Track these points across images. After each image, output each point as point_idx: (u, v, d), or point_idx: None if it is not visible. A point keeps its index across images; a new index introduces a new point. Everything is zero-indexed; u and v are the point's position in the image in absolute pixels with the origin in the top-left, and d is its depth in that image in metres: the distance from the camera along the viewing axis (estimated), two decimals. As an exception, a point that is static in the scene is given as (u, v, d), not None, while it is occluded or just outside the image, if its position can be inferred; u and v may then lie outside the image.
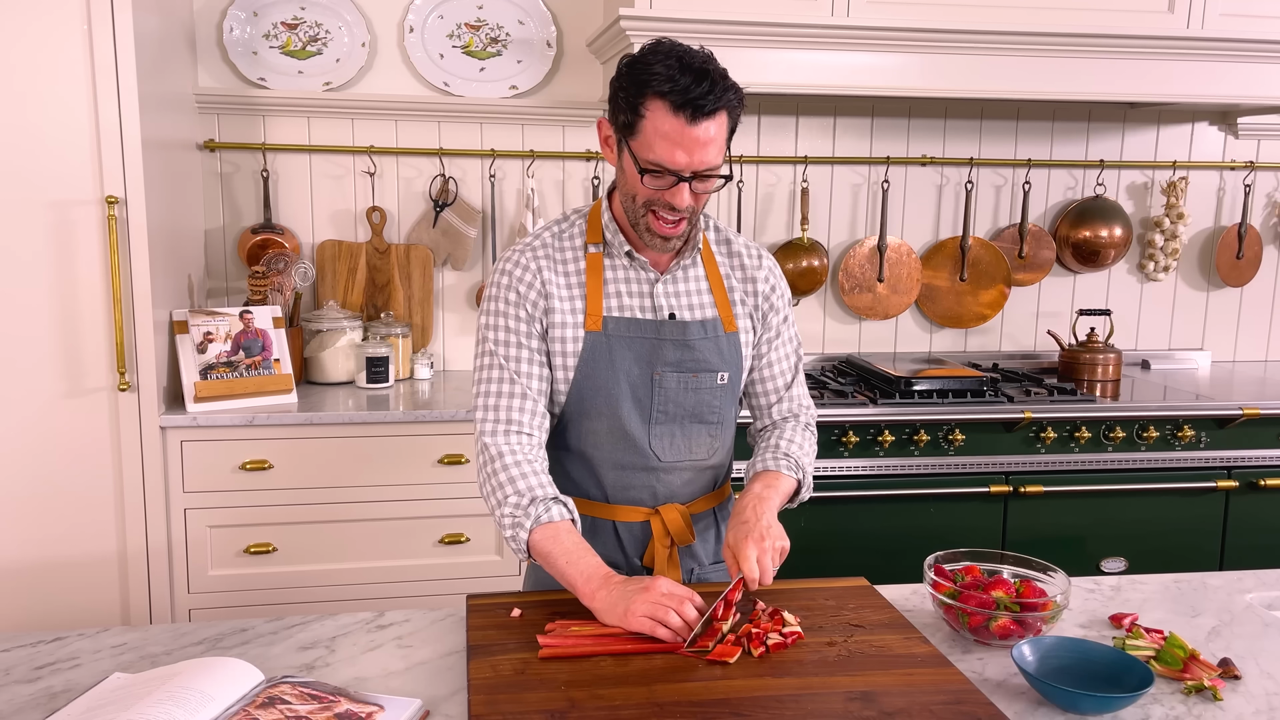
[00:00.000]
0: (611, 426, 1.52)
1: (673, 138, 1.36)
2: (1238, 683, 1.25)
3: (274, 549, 2.46)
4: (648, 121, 1.37)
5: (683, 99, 1.34)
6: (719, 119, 1.37)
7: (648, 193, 1.42)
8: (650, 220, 1.44)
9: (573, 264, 1.53)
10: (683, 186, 1.39)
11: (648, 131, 1.37)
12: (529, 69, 2.96)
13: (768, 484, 1.53)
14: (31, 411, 2.31)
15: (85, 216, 2.27)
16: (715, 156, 1.39)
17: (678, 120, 1.35)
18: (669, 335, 1.52)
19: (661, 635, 1.26)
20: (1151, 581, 1.59)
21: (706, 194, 1.44)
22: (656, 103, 1.36)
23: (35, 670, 1.26)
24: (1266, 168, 3.36)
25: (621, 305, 1.52)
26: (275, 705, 1.11)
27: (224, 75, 2.85)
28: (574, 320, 1.51)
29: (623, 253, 1.52)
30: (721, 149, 1.40)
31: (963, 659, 1.30)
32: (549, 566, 1.39)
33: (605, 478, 1.55)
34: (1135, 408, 2.71)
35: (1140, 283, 3.39)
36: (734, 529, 1.44)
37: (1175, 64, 2.73)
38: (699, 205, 1.44)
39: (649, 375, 1.51)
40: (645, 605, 1.28)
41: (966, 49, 2.64)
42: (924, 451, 2.64)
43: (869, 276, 3.20)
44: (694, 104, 1.34)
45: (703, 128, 1.35)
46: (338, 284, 2.94)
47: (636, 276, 1.54)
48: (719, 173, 1.41)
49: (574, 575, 1.35)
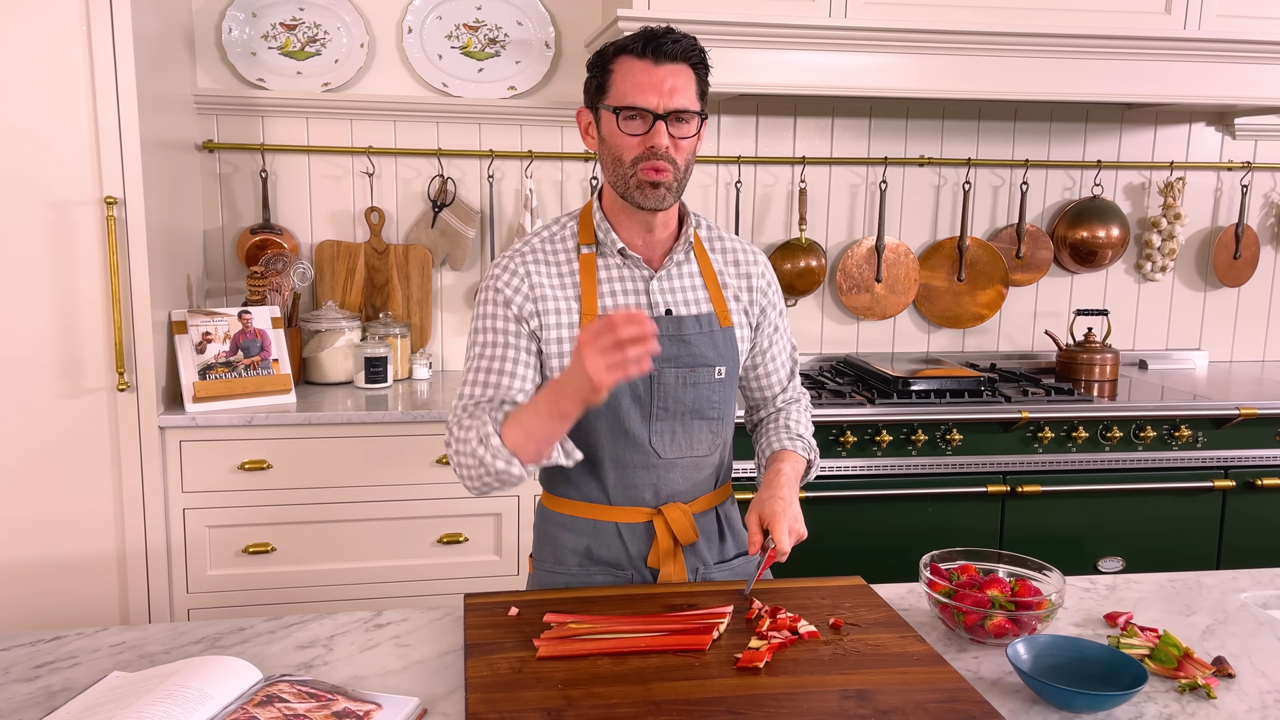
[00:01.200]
0: (612, 425, 1.53)
1: (640, 80, 1.44)
2: (1231, 681, 1.26)
3: (272, 549, 2.46)
4: (616, 74, 1.46)
5: (644, 45, 1.44)
6: (683, 69, 1.45)
7: (632, 145, 1.45)
8: (640, 174, 1.46)
9: (566, 265, 1.54)
10: (660, 125, 1.43)
11: (618, 83, 1.45)
12: (527, 70, 2.97)
13: (794, 465, 1.60)
14: (31, 411, 2.31)
15: (84, 217, 2.28)
16: (683, 101, 1.44)
17: (643, 62, 1.44)
18: (665, 331, 1.53)
19: (633, 374, 1.27)
20: (1146, 580, 1.60)
21: (685, 142, 1.47)
22: (622, 57, 1.46)
23: (34, 669, 1.26)
24: (1264, 168, 3.36)
25: (616, 303, 1.53)
26: (273, 703, 1.11)
27: (223, 76, 2.86)
28: (569, 321, 1.52)
29: (615, 250, 1.53)
30: (689, 99, 1.45)
31: (958, 657, 1.30)
32: (532, 435, 1.38)
33: (607, 477, 1.55)
34: (1132, 408, 2.71)
35: (1137, 283, 3.40)
36: (770, 502, 1.50)
37: (1172, 65, 2.73)
38: (680, 157, 1.46)
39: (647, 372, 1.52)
40: (598, 365, 1.26)
41: (964, 50, 2.64)
42: (922, 451, 2.65)
43: (867, 277, 3.20)
44: (655, 47, 1.43)
45: (667, 70, 1.43)
46: (336, 284, 2.94)
47: (631, 275, 1.55)
48: (692, 123, 1.45)
49: (544, 407, 1.36)
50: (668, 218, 1.55)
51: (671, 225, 1.57)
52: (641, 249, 1.55)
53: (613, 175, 1.50)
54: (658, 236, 1.55)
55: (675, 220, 1.58)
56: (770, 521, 1.47)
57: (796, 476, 1.59)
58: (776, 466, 1.59)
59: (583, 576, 1.58)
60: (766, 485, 1.55)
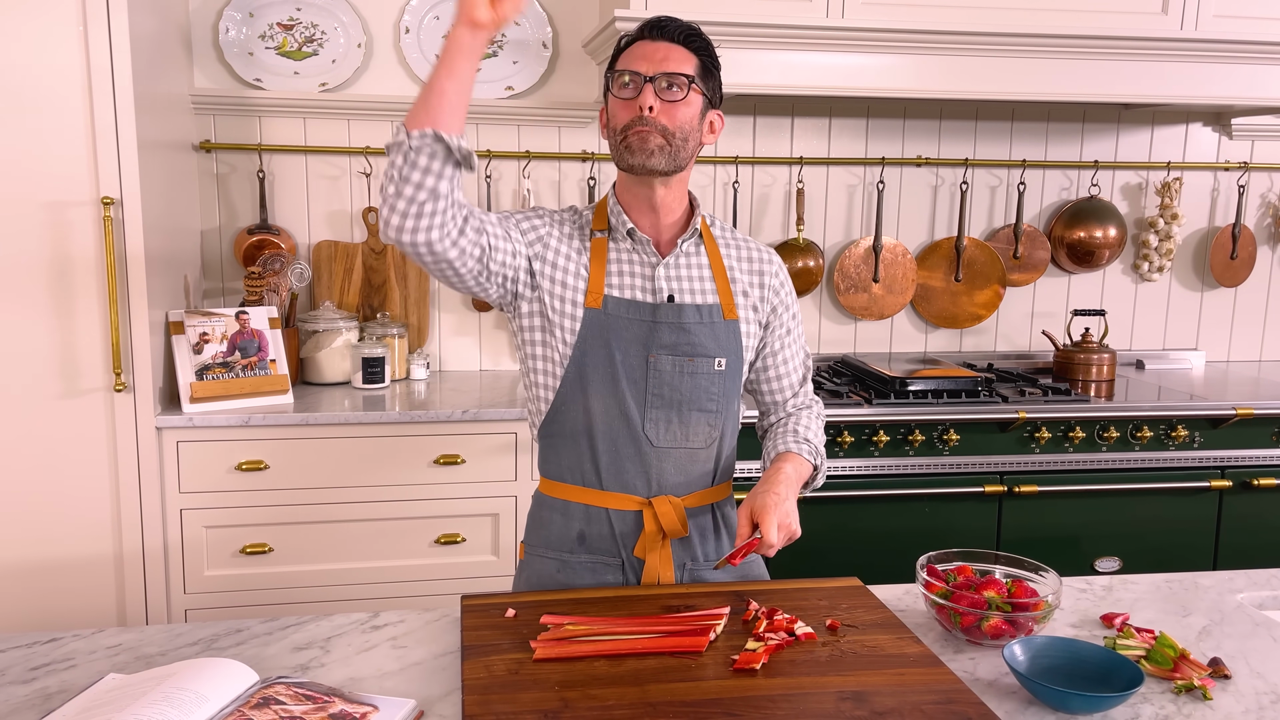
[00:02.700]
0: (608, 406, 1.54)
1: (637, 52, 1.52)
2: (1228, 682, 1.26)
3: (270, 549, 2.46)
4: (622, 56, 1.54)
5: (648, 27, 1.53)
6: (680, 48, 1.51)
7: (622, 111, 1.51)
8: (629, 139, 1.50)
9: (579, 243, 1.58)
10: (647, 87, 1.48)
11: (620, 62, 1.53)
12: (525, 70, 2.97)
13: (796, 466, 1.58)
14: (27, 412, 2.31)
15: (81, 217, 2.28)
16: (675, 65, 1.50)
17: (642, 40, 1.53)
18: (665, 318, 1.54)
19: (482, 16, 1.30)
20: (1143, 581, 1.60)
21: (675, 105, 1.50)
22: (632, 44, 1.54)
23: (30, 671, 1.26)
24: (1260, 168, 3.37)
25: (623, 285, 1.55)
26: (270, 706, 1.11)
27: (220, 76, 2.85)
28: (575, 294, 1.54)
29: (625, 232, 1.56)
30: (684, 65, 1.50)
31: (955, 659, 1.31)
32: (431, 89, 1.33)
33: (600, 459, 1.56)
34: (1129, 408, 2.72)
35: (1135, 283, 3.41)
36: (760, 495, 1.48)
37: (1169, 65, 2.74)
38: (672, 122, 1.50)
39: (644, 357, 1.54)
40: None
41: (961, 50, 2.65)
42: (919, 451, 2.65)
43: (864, 277, 3.21)
44: (657, 26, 1.52)
45: (664, 45, 1.51)
46: (334, 284, 2.94)
47: (640, 260, 1.57)
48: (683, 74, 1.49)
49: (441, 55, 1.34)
50: (671, 198, 1.57)
51: (677, 211, 1.59)
52: (649, 230, 1.58)
53: (611, 149, 1.55)
54: (663, 220, 1.58)
55: (681, 206, 1.60)
56: (760, 514, 1.45)
57: (798, 478, 1.57)
58: (777, 465, 1.58)
59: (572, 561, 1.58)
60: (763, 481, 1.54)
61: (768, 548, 1.43)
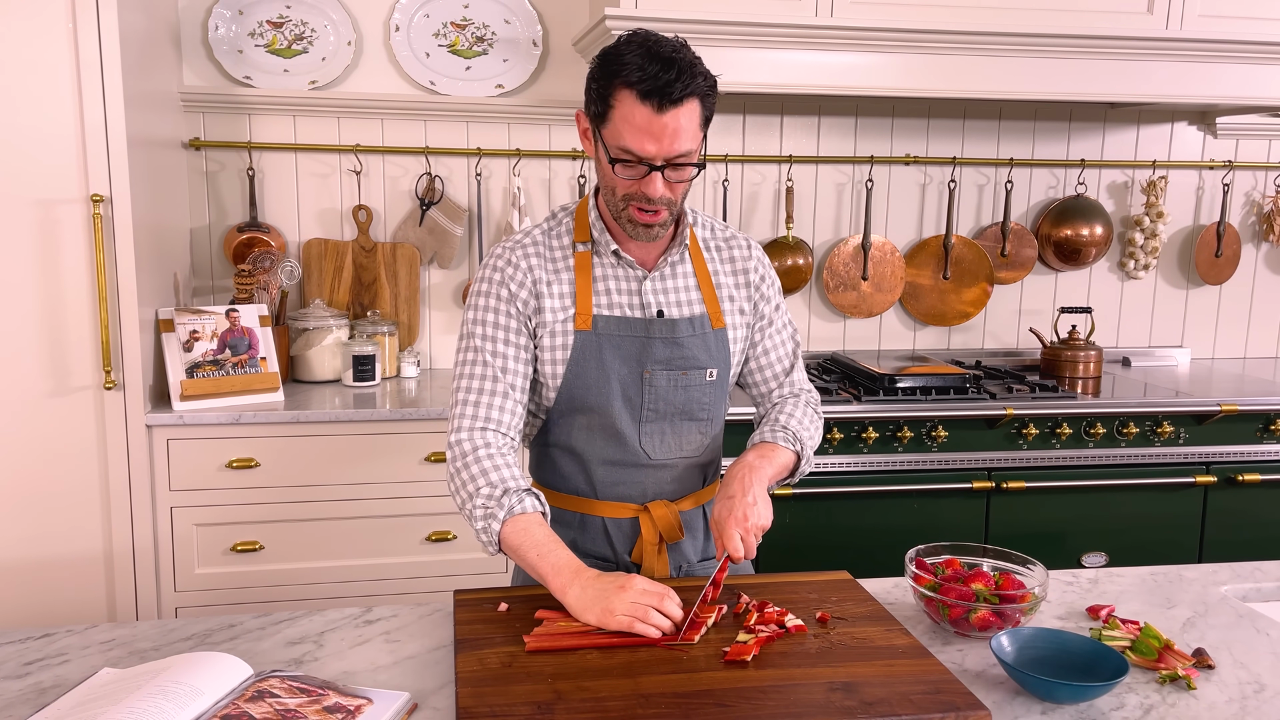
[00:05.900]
0: (603, 424, 1.52)
1: (641, 126, 1.35)
2: (1211, 672, 1.27)
3: (261, 547, 2.46)
4: (617, 110, 1.36)
5: (650, 87, 1.33)
6: (688, 107, 1.35)
7: (625, 185, 1.41)
8: (631, 212, 1.43)
9: (562, 262, 1.52)
10: (655, 176, 1.38)
11: (617, 120, 1.36)
12: (515, 68, 2.97)
13: (762, 454, 1.52)
14: (17, 410, 2.30)
15: (71, 215, 2.27)
16: (686, 144, 1.37)
17: (645, 108, 1.34)
18: (658, 333, 1.52)
19: (640, 631, 1.26)
20: (1128, 574, 1.62)
21: (682, 184, 1.43)
22: (625, 92, 1.35)
23: (24, 666, 1.26)
24: (1245, 167, 3.40)
25: (610, 303, 1.52)
26: (264, 699, 1.12)
27: (209, 74, 2.85)
28: (564, 319, 1.50)
29: (609, 251, 1.52)
30: (693, 138, 1.38)
31: (943, 650, 1.32)
32: (519, 559, 1.38)
33: (595, 474, 1.55)
34: (1116, 404, 2.74)
35: (1121, 281, 3.43)
36: (720, 504, 1.45)
37: (1155, 64, 2.76)
38: (677, 196, 1.43)
39: (639, 374, 1.51)
40: (624, 604, 1.28)
41: (949, 49, 2.66)
42: (907, 448, 2.67)
43: (853, 275, 3.22)
44: (661, 91, 1.33)
45: (671, 115, 1.34)
46: (324, 282, 2.94)
47: (625, 274, 1.53)
48: (692, 161, 1.40)
49: (545, 569, 1.35)
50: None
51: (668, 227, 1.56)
52: (635, 250, 1.53)
53: (606, 196, 1.47)
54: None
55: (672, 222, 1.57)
56: (718, 530, 1.41)
57: (765, 464, 1.51)
58: (738, 459, 1.53)
59: None
60: (724, 483, 1.49)
61: (735, 558, 1.40)
